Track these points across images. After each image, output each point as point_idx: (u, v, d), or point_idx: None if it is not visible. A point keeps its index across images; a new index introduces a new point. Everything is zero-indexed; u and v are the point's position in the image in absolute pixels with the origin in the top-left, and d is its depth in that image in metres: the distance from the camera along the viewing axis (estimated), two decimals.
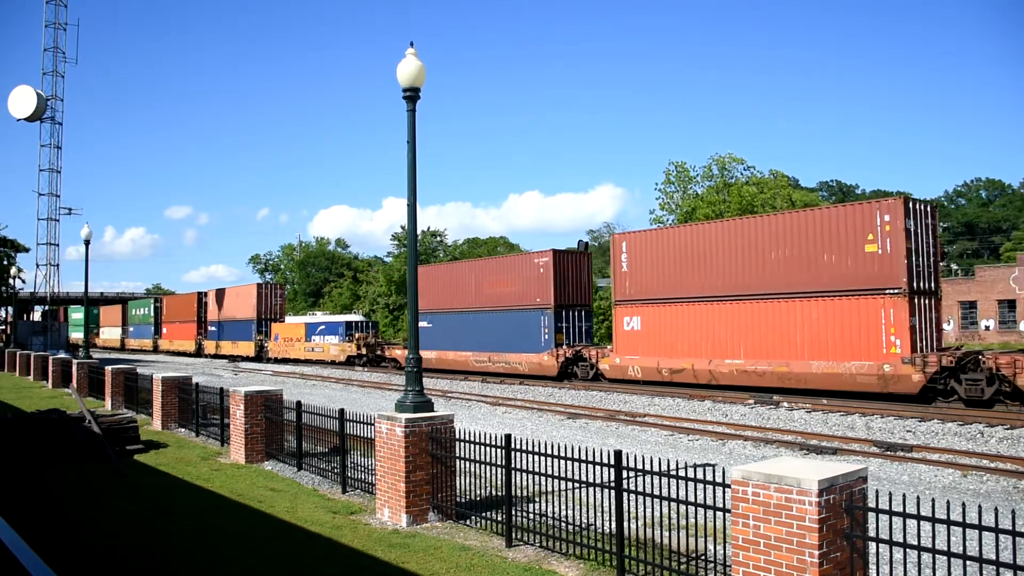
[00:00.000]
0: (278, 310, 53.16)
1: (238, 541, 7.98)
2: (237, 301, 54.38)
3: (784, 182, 61.24)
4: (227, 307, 56.07)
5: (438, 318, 35.73)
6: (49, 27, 56.73)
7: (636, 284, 26.29)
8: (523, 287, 31.32)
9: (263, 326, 51.43)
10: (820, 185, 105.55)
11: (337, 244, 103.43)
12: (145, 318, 71.59)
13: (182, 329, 63.10)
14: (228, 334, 55.02)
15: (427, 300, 35.64)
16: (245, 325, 52.81)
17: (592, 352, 28.81)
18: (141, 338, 71.87)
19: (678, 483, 6.22)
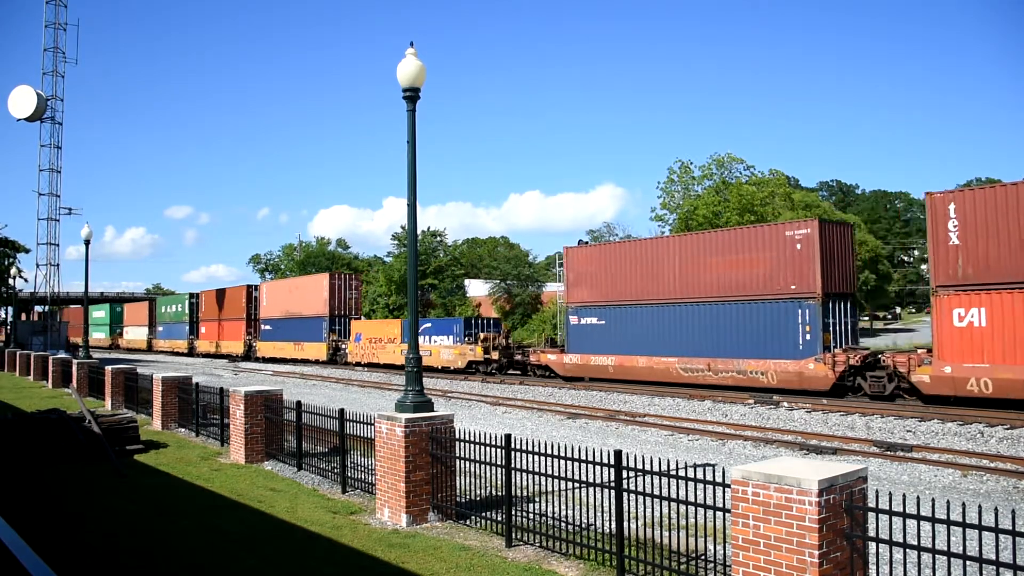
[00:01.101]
0: (353, 305, 45.06)
1: (238, 541, 7.98)
2: (300, 295, 46.48)
3: (783, 181, 61.32)
4: (286, 301, 48.21)
5: (614, 313, 27.66)
6: (49, 27, 56.69)
7: (974, 262, 18.96)
8: (769, 269, 23.46)
9: (337, 324, 43.78)
10: (820, 185, 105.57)
11: (337, 244, 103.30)
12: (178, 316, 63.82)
13: (226, 328, 55.11)
14: (288, 333, 47.19)
15: (593, 289, 28.52)
16: (312, 323, 44.75)
17: (895, 359, 20.77)
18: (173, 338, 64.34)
19: (678, 483, 6.22)
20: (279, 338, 48.15)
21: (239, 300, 53.35)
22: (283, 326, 48.09)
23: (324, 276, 45.22)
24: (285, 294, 49.32)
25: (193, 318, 61.05)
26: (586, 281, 29.07)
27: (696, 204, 54.42)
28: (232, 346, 53.68)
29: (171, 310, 65.86)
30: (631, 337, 27.07)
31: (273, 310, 49.64)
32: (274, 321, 49.22)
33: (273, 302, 50.00)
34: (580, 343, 29.18)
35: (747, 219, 52.86)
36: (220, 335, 56.10)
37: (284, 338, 47.61)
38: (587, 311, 28.85)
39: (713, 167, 57.16)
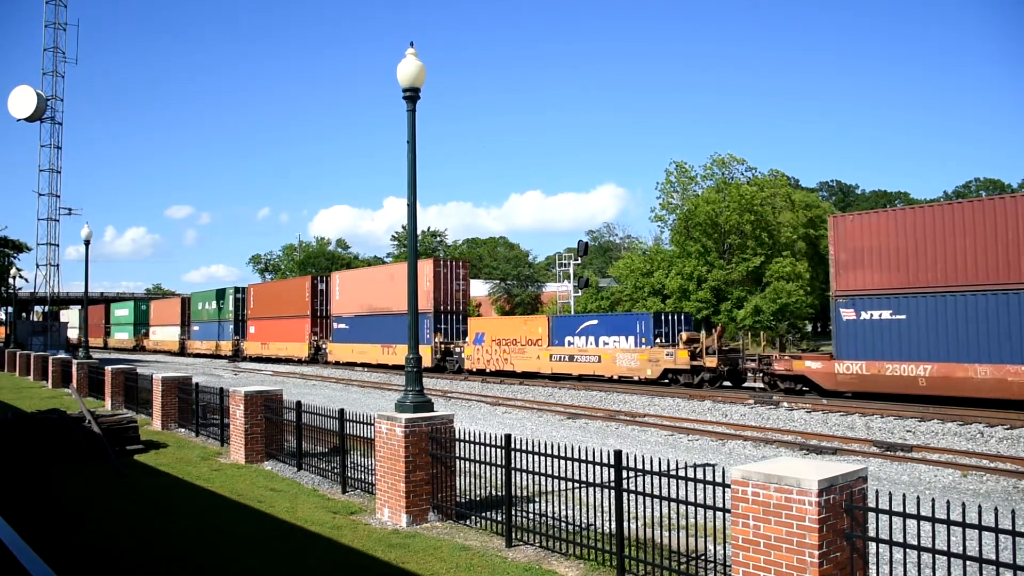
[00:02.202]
0: (461, 298, 36.52)
1: (238, 541, 7.97)
2: (389, 287, 38.06)
3: (784, 181, 61.34)
4: (368, 294, 40.11)
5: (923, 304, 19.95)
6: (49, 27, 56.71)
7: None
8: None
9: (444, 322, 35.76)
10: (820, 185, 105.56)
11: (338, 244, 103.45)
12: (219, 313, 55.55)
13: (283, 327, 46.94)
14: (372, 333, 38.99)
15: (884, 272, 20.83)
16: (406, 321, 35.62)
17: None
18: (212, 339, 56.35)
19: (678, 483, 6.22)
20: (360, 339, 40.01)
21: (300, 294, 45.45)
22: (365, 325, 39.73)
23: (427, 262, 35.66)
24: (367, 285, 40.67)
25: (238, 316, 52.99)
26: (869, 260, 21.21)
27: (696, 203, 54.44)
28: (292, 349, 45.65)
29: (210, 307, 57.50)
30: (959, 335, 19.24)
31: (350, 305, 41.65)
32: (352, 319, 41.20)
33: (350, 296, 41.89)
34: (862, 346, 21.09)
35: (747, 218, 52.93)
36: (275, 335, 48.06)
37: (367, 339, 39.32)
38: (873, 302, 20.95)
39: (714, 167, 57.21)
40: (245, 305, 52.93)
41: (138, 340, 71.24)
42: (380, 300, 39.01)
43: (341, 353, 41.79)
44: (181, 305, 64.14)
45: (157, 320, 69.04)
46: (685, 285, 52.91)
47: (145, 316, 71.98)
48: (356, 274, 45.23)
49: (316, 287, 45.08)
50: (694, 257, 53.70)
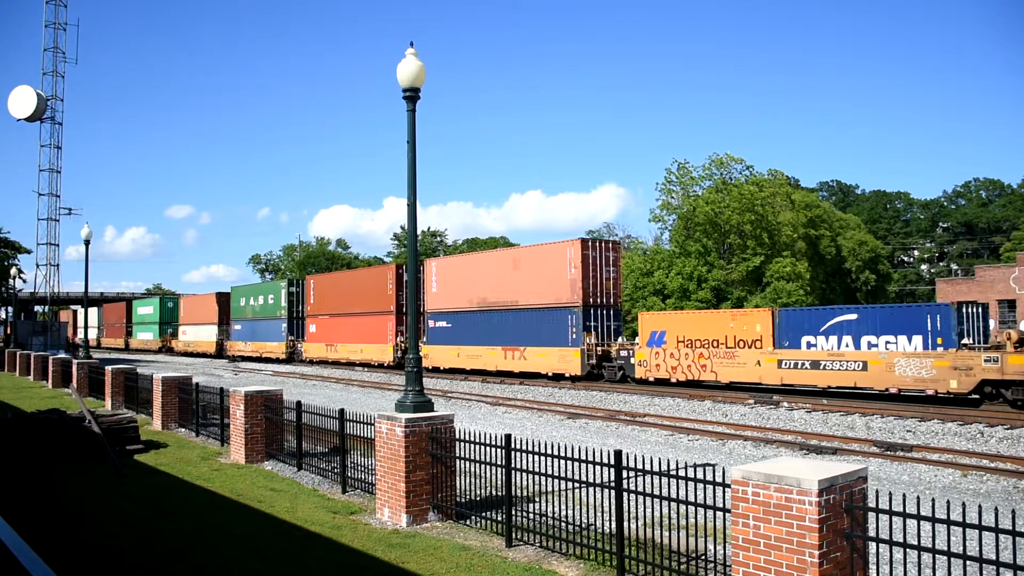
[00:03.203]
0: (613, 288, 28.98)
1: (238, 541, 7.98)
2: (510, 276, 31.17)
3: (784, 181, 61.36)
4: (477, 285, 32.75)
5: None
6: (49, 27, 56.79)
7: None
8: None
9: (597, 318, 28.52)
10: (820, 185, 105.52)
11: (338, 244, 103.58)
12: (268, 310, 48.44)
13: (358, 326, 39.31)
14: (484, 333, 32.09)
15: None
16: (547, 317, 29.21)
17: None
18: (259, 340, 49.24)
19: (678, 483, 6.22)
20: (467, 339, 33.07)
21: (380, 286, 38.12)
22: (474, 322, 32.71)
23: (571, 244, 28.71)
24: (477, 274, 33.17)
25: (294, 312, 46.07)
26: None
27: (696, 203, 54.45)
28: (370, 352, 38.24)
29: (255, 303, 50.31)
30: None
31: (451, 298, 34.28)
32: (456, 316, 33.92)
33: (452, 287, 34.39)
34: None
35: (747, 218, 52.95)
36: (345, 335, 40.71)
37: (477, 339, 32.44)
38: None
39: (713, 168, 57.21)
40: (302, 300, 45.93)
41: (164, 341, 65.03)
42: (498, 291, 31.72)
43: (441, 357, 34.48)
44: (218, 301, 56.44)
45: (189, 318, 61.44)
46: (685, 285, 52.93)
47: (173, 314, 65.17)
48: (461, 261, 36.58)
49: (401, 278, 37.31)
50: (694, 257, 53.73)
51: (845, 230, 70.26)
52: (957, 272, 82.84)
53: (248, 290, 53.27)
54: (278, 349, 46.94)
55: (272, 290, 49.19)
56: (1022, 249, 62.38)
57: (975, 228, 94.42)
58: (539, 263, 30.14)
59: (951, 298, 53.54)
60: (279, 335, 46.86)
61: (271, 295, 48.78)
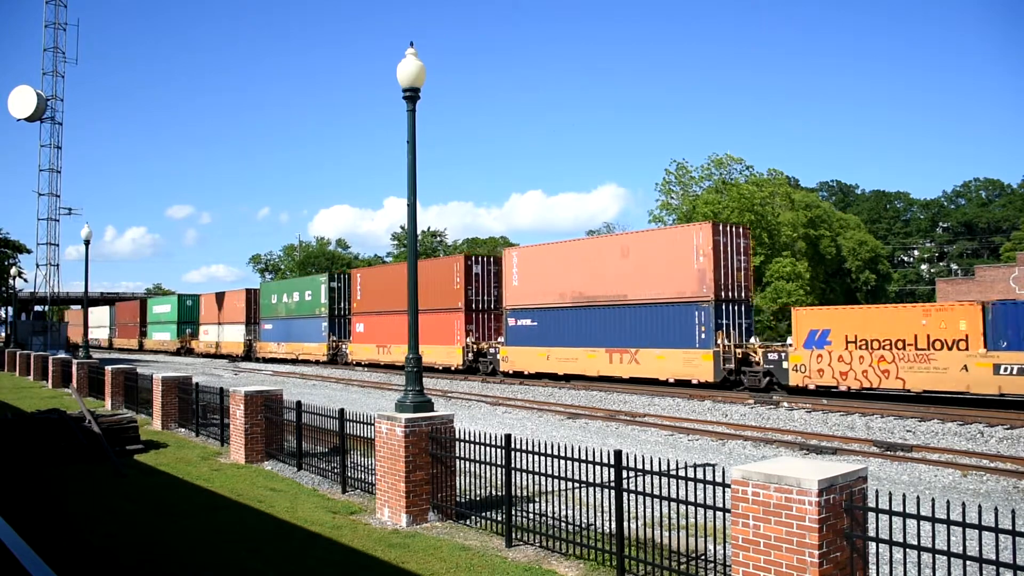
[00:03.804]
0: (744, 280, 25.12)
1: (238, 541, 7.98)
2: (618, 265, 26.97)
3: (783, 181, 61.40)
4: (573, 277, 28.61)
5: None
6: (49, 27, 56.77)
7: None
8: None
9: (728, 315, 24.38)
10: (820, 185, 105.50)
11: (338, 244, 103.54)
12: (305, 308, 44.21)
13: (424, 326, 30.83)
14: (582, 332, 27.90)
15: None
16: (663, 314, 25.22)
17: None
18: (293, 341, 45.17)
19: (678, 483, 6.22)
20: (558, 340, 28.69)
21: (446, 279, 33.70)
22: (568, 320, 28.56)
23: (700, 227, 24.92)
24: (572, 264, 28.74)
25: (336, 310, 42.11)
26: None
27: (696, 203, 54.49)
28: (433, 353, 33.72)
29: (290, 300, 46.17)
30: None
31: (539, 292, 29.91)
32: (544, 312, 29.61)
33: (539, 279, 29.94)
34: None
35: (746, 218, 52.99)
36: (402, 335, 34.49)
37: (572, 340, 28.22)
38: None
39: (713, 168, 57.25)
40: (346, 296, 41.80)
41: (183, 341, 61.19)
42: (600, 284, 27.48)
43: (525, 360, 30.04)
44: (247, 299, 52.17)
45: (211, 317, 57.61)
46: None
47: (192, 313, 61.47)
48: (549, 250, 30.69)
49: (471, 270, 33.01)
50: None
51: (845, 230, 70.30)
52: (957, 272, 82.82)
53: (281, 286, 49.17)
54: (318, 351, 42.39)
55: (310, 286, 44.68)
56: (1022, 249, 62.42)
57: (975, 228, 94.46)
58: (655, 251, 25.85)
59: (951, 298, 53.56)
60: (319, 335, 42.47)
61: (308, 291, 44.31)
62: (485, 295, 33.78)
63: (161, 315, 66.10)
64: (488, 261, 34.42)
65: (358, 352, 39.92)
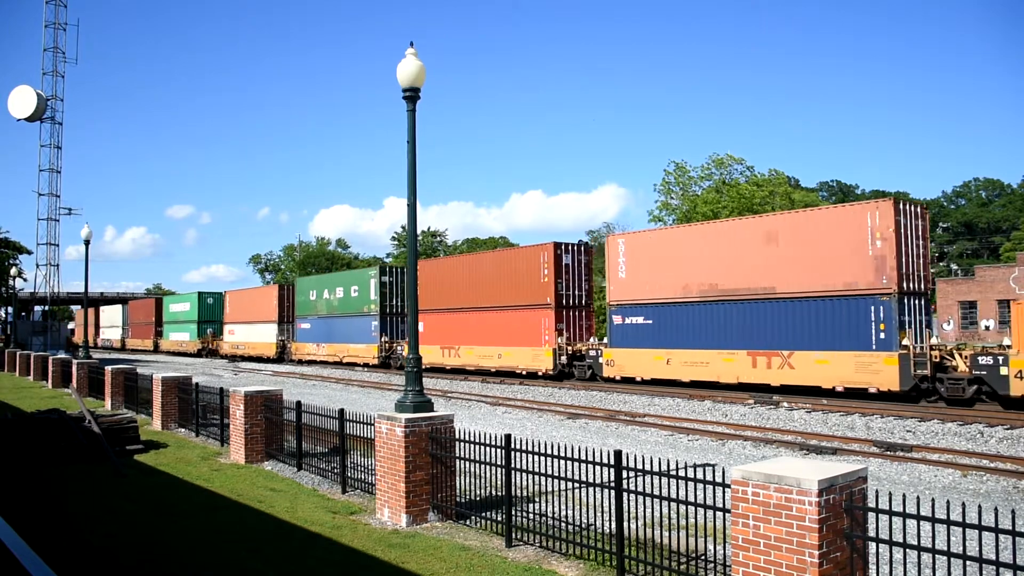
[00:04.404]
0: (922, 270, 21.37)
1: (238, 541, 7.98)
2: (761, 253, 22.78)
3: (783, 181, 61.36)
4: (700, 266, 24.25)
5: None
6: (49, 27, 56.83)
7: None
8: None
9: (912, 310, 20.74)
10: (820, 185, 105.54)
11: (338, 244, 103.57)
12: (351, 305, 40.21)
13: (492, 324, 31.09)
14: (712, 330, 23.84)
15: None
16: (826, 310, 21.28)
17: None
18: (337, 341, 41.17)
19: (678, 483, 6.22)
20: (680, 341, 24.69)
21: (531, 271, 29.45)
22: (693, 317, 24.40)
23: (874, 206, 20.92)
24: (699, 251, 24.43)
25: (387, 307, 37.66)
26: None
27: (696, 202, 54.43)
28: (514, 356, 29.92)
29: (332, 296, 41.94)
30: None
31: (652, 285, 25.65)
32: (661, 308, 25.39)
33: (652, 269, 25.71)
34: None
35: None
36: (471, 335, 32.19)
37: (699, 341, 24.12)
38: None
39: (713, 168, 57.21)
40: (399, 292, 38.17)
41: (205, 342, 57.01)
42: (738, 275, 23.18)
43: (636, 363, 25.92)
44: (279, 296, 47.93)
45: (237, 316, 52.56)
46: None
47: (214, 311, 57.23)
48: (667, 236, 26.96)
49: (560, 260, 28.91)
50: None
51: None
52: (957, 272, 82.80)
53: (320, 282, 44.59)
54: (367, 353, 37.81)
55: (356, 280, 40.02)
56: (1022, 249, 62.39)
57: (975, 228, 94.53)
58: (815, 235, 21.75)
59: (952, 298, 53.62)
60: (368, 335, 37.90)
61: (355, 286, 39.94)
62: (575, 289, 29.52)
63: (179, 314, 61.78)
64: (579, 250, 29.90)
65: (441, 357, 35.05)
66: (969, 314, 53.41)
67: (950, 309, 53.33)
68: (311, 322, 43.97)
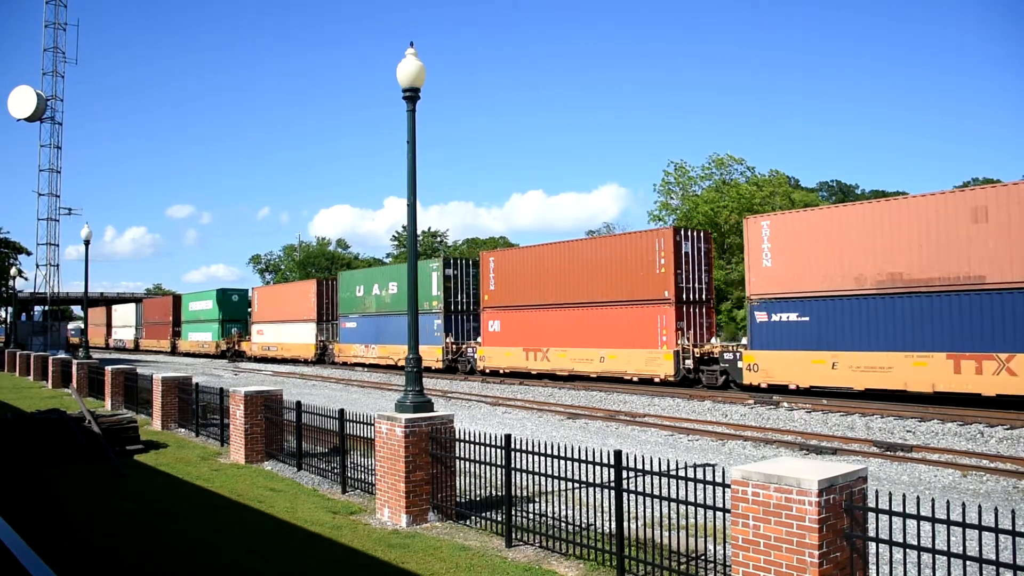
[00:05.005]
0: None
1: (238, 541, 7.98)
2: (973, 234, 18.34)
3: (783, 181, 61.36)
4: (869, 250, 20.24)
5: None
6: (49, 27, 56.82)
7: None
8: None
9: None
10: (820, 185, 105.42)
11: (338, 244, 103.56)
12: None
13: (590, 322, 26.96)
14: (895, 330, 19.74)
15: None
16: None
17: None
18: (389, 342, 36.63)
19: (678, 483, 6.22)
20: (848, 342, 20.58)
21: (644, 260, 25.29)
22: (866, 313, 20.34)
23: None
24: (874, 233, 20.27)
25: (454, 304, 33.99)
26: None
27: (696, 202, 54.43)
28: (627, 360, 25.64)
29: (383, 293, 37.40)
30: None
31: (808, 274, 21.50)
32: (821, 303, 21.26)
33: (808, 255, 21.52)
34: None
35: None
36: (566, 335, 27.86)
37: (874, 342, 20.09)
38: None
39: (713, 168, 57.23)
40: (465, 287, 34.34)
41: (230, 343, 53.30)
42: (932, 262, 19.17)
43: (788, 367, 21.72)
44: (318, 291, 43.81)
45: (267, 314, 48.55)
46: None
47: (239, 309, 53.90)
48: (828, 216, 21.89)
49: (680, 247, 24.88)
50: None
51: None
52: None
53: (368, 276, 40.08)
54: (428, 355, 33.39)
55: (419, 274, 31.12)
56: None
57: None
58: None
59: None
60: (430, 335, 33.94)
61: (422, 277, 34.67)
62: (695, 282, 25.50)
63: (200, 312, 57.56)
64: (699, 237, 26.00)
65: (494, 357, 31.19)
66: None
67: None
68: (357, 321, 39.31)
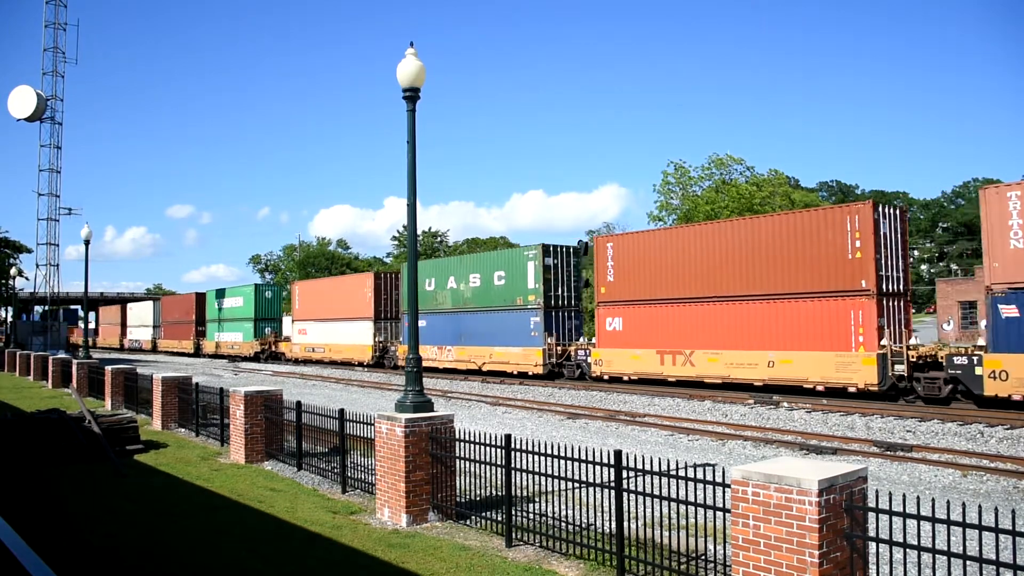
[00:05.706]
0: None
1: (238, 541, 7.98)
2: None
3: (783, 181, 61.35)
4: None
5: None
6: (49, 27, 56.76)
7: None
8: None
9: None
10: (820, 185, 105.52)
11: (338, 244, 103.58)
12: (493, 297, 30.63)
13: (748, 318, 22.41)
14: None
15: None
16: None
17: None
18: (470, 344, 31.93)
19: (678, 483, 6.22)
20: None
21: (831, 239, 20.53)
22: None
23: None
24: None
25: (555, 299, 28.98)
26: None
27: (696, 202, 54.40)
28: (813, 364, 20.84)
29: (461, 286, 32.73)
30: None
31: None
32: None
33: None
34: None
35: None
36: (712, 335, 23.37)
37: None
38: None
39: (713, 168, 57.20)
40: (565, 279, 29.35)
41: (265, 344, 48.21)
42: None
43: None
44: (375, 286, 38.29)
45: (311, 312, 43.35)
46: None
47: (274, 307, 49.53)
48: None
49: (877, 226, 19.87)
50: None
51: None
52: (957, 272, 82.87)
53: (442, 267, 34.85)
54: (524, 358, 28.79)
55: (505, 264, 30.41)
56: None
57: (975, 228, 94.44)
58: None
59: (952, 298, 53.60)
60: (524, 336, 28.96)
61: (500, 272, 30.40)
62: (893, 270, 20.47)
63: (230, 311, 51.91)
64: (895, 215, 20.78)
65: (614, 361, 26.24)
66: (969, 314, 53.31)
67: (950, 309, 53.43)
68: (428, 319, 33.78)
